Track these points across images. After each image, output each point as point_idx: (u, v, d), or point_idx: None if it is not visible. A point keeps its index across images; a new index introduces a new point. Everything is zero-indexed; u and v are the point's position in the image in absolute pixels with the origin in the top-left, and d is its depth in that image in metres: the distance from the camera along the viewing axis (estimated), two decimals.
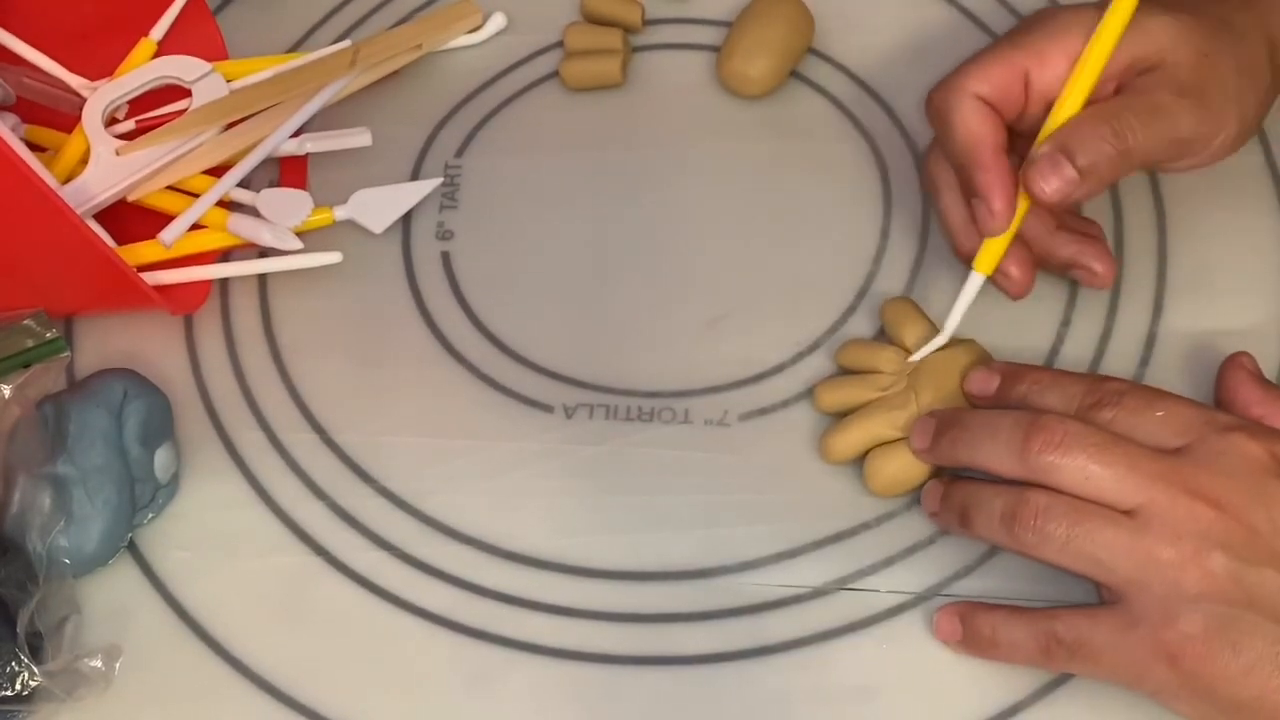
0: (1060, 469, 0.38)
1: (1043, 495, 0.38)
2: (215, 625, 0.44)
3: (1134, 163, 0.42)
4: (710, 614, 0.43)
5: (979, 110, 0.43)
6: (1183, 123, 0.42)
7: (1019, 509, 0.38)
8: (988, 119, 0.43)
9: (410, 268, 0.51)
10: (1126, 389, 0.40)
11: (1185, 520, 0.36)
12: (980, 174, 0.42)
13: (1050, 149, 0.41)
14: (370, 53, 0.53)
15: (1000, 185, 0.42)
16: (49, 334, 0.46)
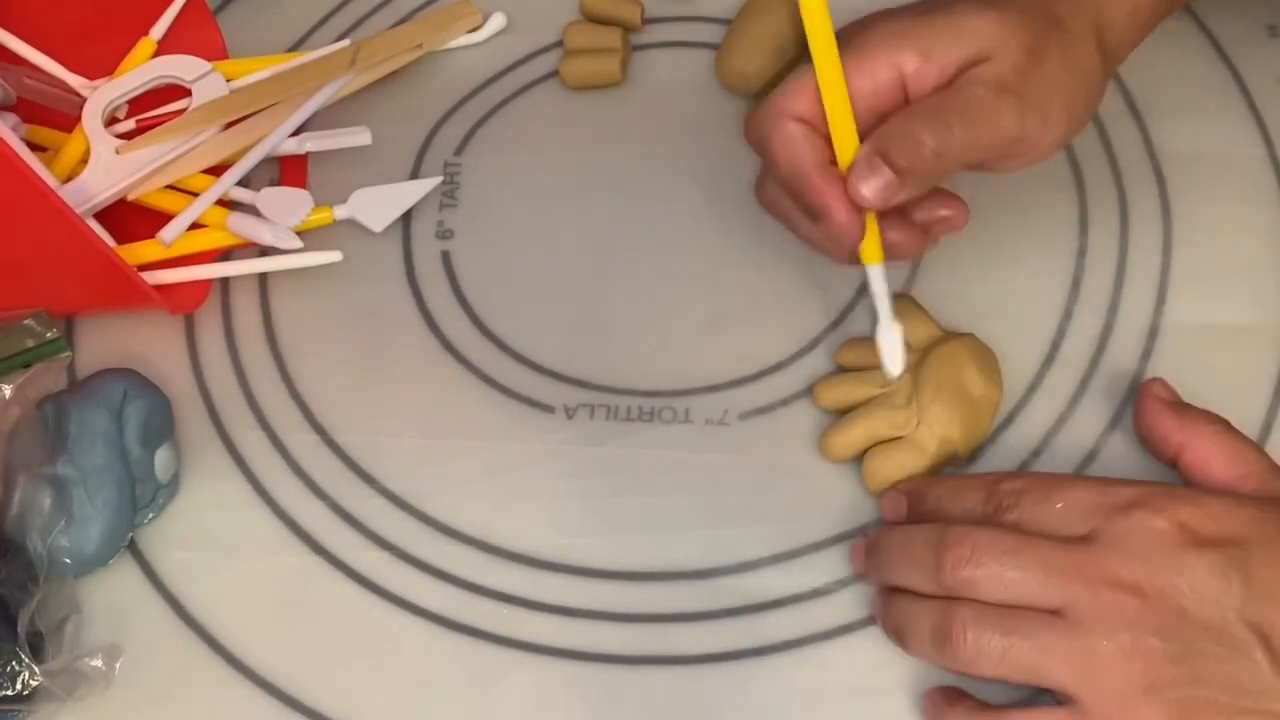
0: (978, 582, 0.37)
1: (969, 609, 0.37)
2: (215, 625, 0.44)
3: (954, 162, 0.41)
4: (710, 614, 0.43)
5: (797, 132, 0.42)
6: (1004, 121, 0.40)
7: (948, 627, 0.37)
8: (807, 139, 0.42)
9: (410, 267, 0.51)
10: (1023, 486, 0.39)
11: (1113, 613, 0.36)
12: (811, 194, 0.42)
13: (867, 151, 0.41)
14: (370, 52, 0.53)
15: (836, 199, 0.41)
16: (49, 334, 0.46)
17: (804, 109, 0.42)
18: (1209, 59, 0.53)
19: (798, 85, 0.42)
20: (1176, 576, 0.36)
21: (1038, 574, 0.37)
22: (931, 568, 0.38)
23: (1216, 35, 0.53)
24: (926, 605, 0.38)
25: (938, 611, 0.38)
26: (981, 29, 0.41)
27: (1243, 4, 0.54)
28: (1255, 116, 0.51)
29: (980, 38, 0.41)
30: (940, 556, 0.38)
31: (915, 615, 0.39)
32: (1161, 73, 0.52)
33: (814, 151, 0.42)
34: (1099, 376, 0.46)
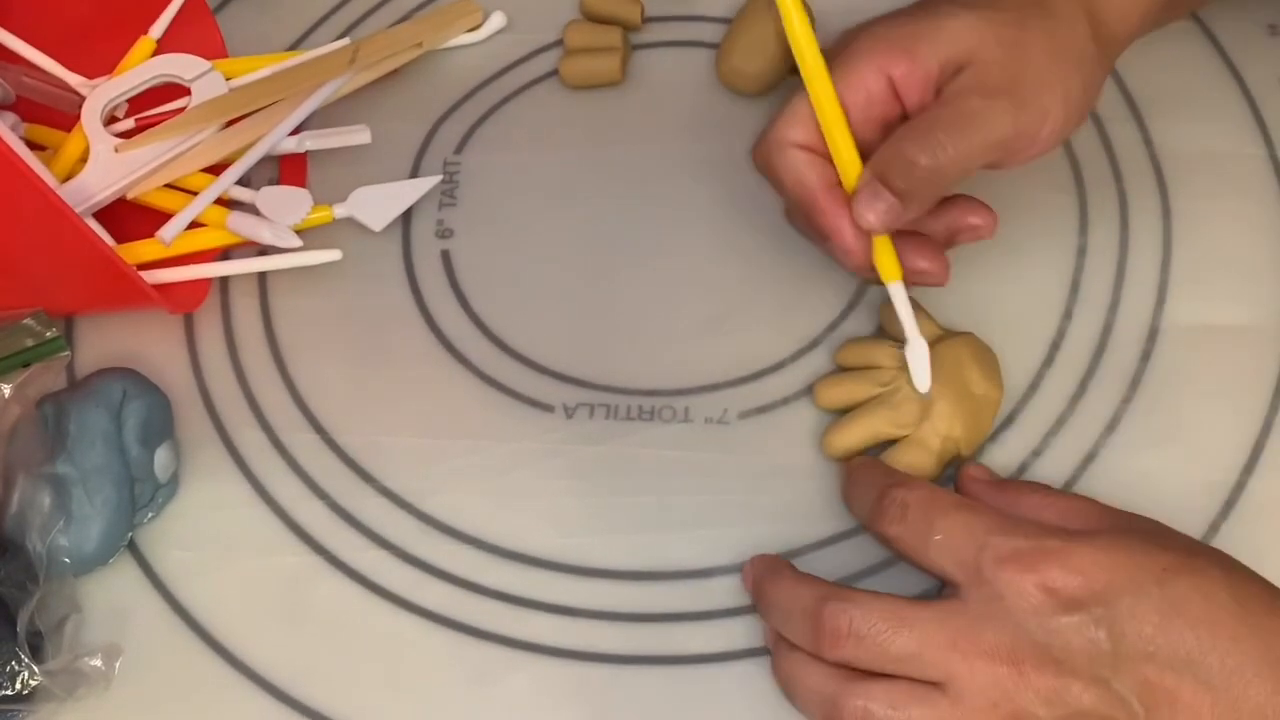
0: (859, 660, 0.37)
1: (857, 691, 0.37)
2: (215, 625, 0.44)
3: (954, 176, 0.41)
4: (710, 613, 0.43)
5: (799, 158, 0.43)
6: (997, 125, 0.40)
7: (839, 707, 0.37)
8: (810, 165, 0.43)
9: (410, 266, 0.51)
10: (912, 501, 0.39)
11: (992, 687, 0.36)
12: (819, 218, 0.43)
13: (868, 178, 0.41)
14: (370, 51, 0.53)
15: (842, 220, 0.42)
16: (49, 333, 0.46)
17: (803, 136, 0.43)
18: (1209, 59, 0.53)
19: (795, 113, 0.43)
20: (1048, 642, 0.36)
21: (915, 648, 0.36)
22: (811, 641, 0.38)
23: (1216, 35, 0.53)
24: (816, 672, 0.38)
25: (828, 686, 0.37)
26: (960, 31, 0.41)
27: (1243, 4, 0.54)
28: (1255, 116, 0.51)
29: (960, 40, 0.41)
30: (819, 638, 0.37)
31: (805, 679, 0.38)
32: (1161, 73, 0.52)
33: (818, 176, 0.43)
34: (1099, 377, 0.46)
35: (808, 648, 0.38)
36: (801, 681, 0.39)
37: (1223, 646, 0.35)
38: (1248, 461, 0.44)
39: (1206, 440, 0.45)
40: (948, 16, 0.41)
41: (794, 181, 0.43)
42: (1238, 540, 0.42)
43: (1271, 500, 0.44)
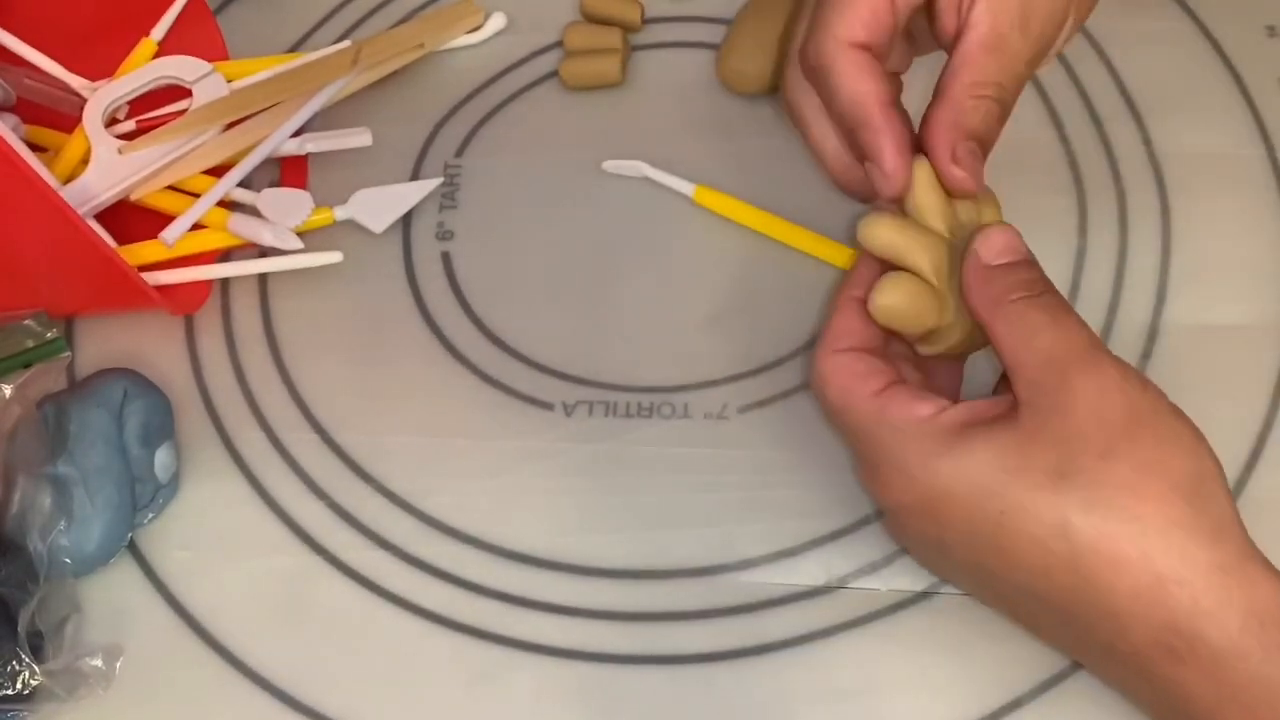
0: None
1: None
2: (215, 625, 0.44)
3: (1007, 118, 0.41)
4: (711, 612, 0.43)
5: (860, 63, 0.40)
6: (1033, 54, 0.40)
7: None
8: (872, 72, 0.40)
9: (410, 268, 0.51)
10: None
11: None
12: (869, 135, 0.40)
13: (964, 141, 0.39)
14: (371, 52, 0.53)
15: (893, 145, 0.39)
16: (49, 334, 0.46)
17: (866, 35, 0.40)
18: (1209, 59, 0.53)
19: (850, 6, 0.40)
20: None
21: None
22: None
23: (1216, 35, 0.53)
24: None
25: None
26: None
27: (1243, 4, 0.54)
28: (1255, 116, 0.51)
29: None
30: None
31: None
32: (1161, 73, 0.52)
33: (879, 87, 0.40)
34: None
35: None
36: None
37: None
38: (1248, 460, 0.44)
39: (1207, 439, 0.44)
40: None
41: (852, 88, 0.40)
42: None
43: (1272, 499, 0.44)
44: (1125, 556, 0.34)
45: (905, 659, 0.41)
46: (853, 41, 0.40)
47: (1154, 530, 0.34)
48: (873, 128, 0.40)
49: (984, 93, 0.40)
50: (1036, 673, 0.41)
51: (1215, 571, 0.34)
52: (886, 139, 0.40)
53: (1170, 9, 0.54)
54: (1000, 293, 0.38)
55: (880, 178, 0.40)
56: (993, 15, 0.39)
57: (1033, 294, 0.37)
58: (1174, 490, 0.34)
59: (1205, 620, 0.34)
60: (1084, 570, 0.35)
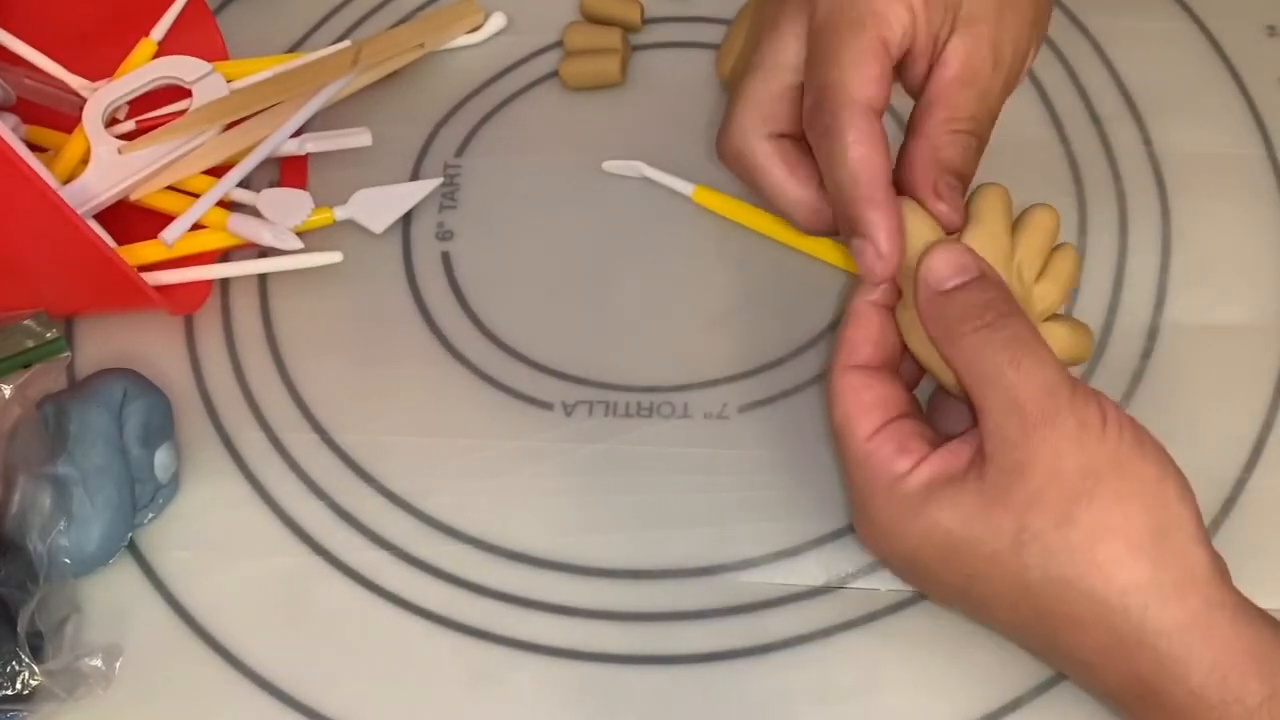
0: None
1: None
2: (215, 625, 0.44)
3: (984, 148, 0.41)
4: (711, 612, 0.43)
5: (875, 132, 0.38)
6: (1002, 90, 0.41)
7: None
8: (883, 143, 0.38)
9: (410, 268, 0.51)
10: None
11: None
12: (868, 211, 0.38)
13: (945, 176, 0.39)
14: (372, 52, 0.53)
15: (891, 229, 0.38)
16: (49, 334, 0.46)
17: (880, 98, 0.38)
18: (1209, 59, 0.53)
19: (864, 67, 0.38)
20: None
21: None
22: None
23: (1216, 35, 0.53)
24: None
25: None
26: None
27: (1243, 4, 0.54)
28: (1255, 116, 0.51)
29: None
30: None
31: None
32: (1161, 73, 0.52)
33: (887, 162, 0.38)
34: (1099, 376, 0.46)
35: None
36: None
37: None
38: (1248, 459, 0.44)
39: (1207, 439, 0.45)
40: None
41: (859, 160, 0.38)
42: (1238, 538, 0.42)
43: (1272, 498, 0.44)
44: (1086, 619, 0.35)
45: (905, 659, 0.41)
46: (869, 106, 0.38)
47: (1114, 594, 0.35)
48: (874, 205, 0.38)
49: (960, 127, 0.40)
50: (1036, 673, 0.40)
51: (1177, 630, 0.34)
52: (885, 218, 0.38)
53: (1170, 9, 0.54)
54: (954, 323, 0.36)
55: (874, 258, 0.38)
56: (966, 52, 0.39)
57: (987, 322, 0.36)
58: (1133, 552, 0.35)
59: (1168, 676, 0.34)
60: (1051, 629, 0.36)
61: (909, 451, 0.37)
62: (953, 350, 0.37)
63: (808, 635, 0.42)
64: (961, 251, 0.37)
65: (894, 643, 0.41)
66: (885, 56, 0.39)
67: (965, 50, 0.39)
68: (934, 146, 0.40)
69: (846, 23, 0.39)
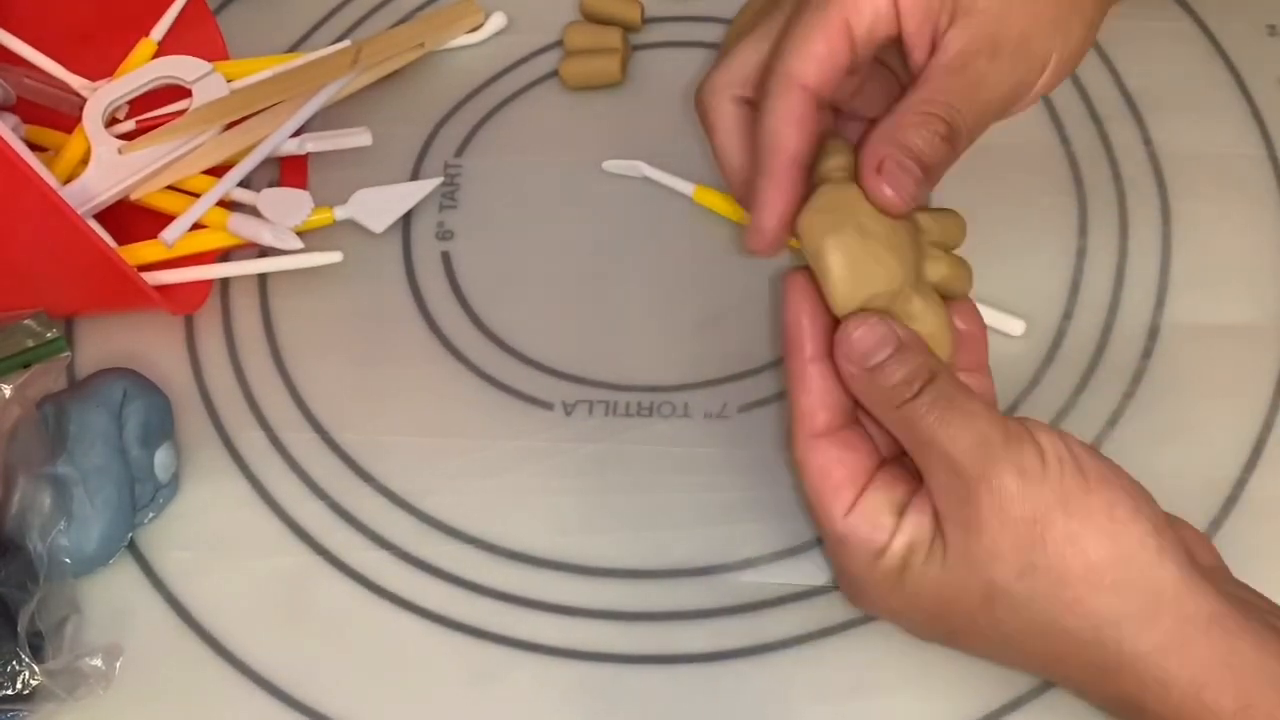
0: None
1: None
2: (215, 625, 0.44)
3: (964, 147, 0.39)
4: (711, 612, 0.43)
5: (795, 108, 0.37)
6: (1003, 86, 0.38)
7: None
8: (802, 122, 0.38)
9: (410, 267, 0.51)
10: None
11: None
12: (763, 181, 0.38)
13: (895, 153, 0.37)
14: (372, 52, 0.53)
15: (779, 209, 0.37)
16: (49, 334, 0.46)
17: (816, 77, 0.38)
18: (1209, 59, 0.53)
19: (805, 40, 0.37)
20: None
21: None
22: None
23: (1216, 35, 0.53)
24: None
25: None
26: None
27: (1243, 4, 0.54)
28: (1255, 116, 0.51)
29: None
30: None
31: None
32: (1161, 73, 0.52)
33: (800, 142, 0.38)
34: (1099, 376, 0.46)
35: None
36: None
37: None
38: (1248, 459, 0.44)
39: (1207, 439, 0.45)
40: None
41: (773, 131, 0.38)
42: (1238, 538, 0.42)
43: (1272, 498, 0.44)
44: (1068, 655, 0.36)
45: (905, 659, 0.41)
46: (802, 82, 0.38)
47: (1087, 630, 0.35)
48: (771, 178, 0.38)
49: (932, 110, 0.38)
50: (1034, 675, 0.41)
51: (1155, 652, 0.35)
52: (776, 195, 0.38)
53: (1171, 8, 0.54)
54: (884, 401, 0.37)
55: (753, 232, 0.38)
56: (962, 40, 0.38)
57: (914, 393, 0.36)
58: (1096, 589, 0.35)
59: (1149, 696, 0.35)
60: (1037, 664, 0.38)
61: (881, 528, 0.37)
62: (888, 422, 0.37)
63: (808, 635, 0.42)
64: (878, 324, 0.37)
65: (894, 643, 0.41)
66: (841, 37, 0.38)
67: (961, 39, 0.38)
68: (896, 124, 0.38)
69: (816, 2, 0.38)
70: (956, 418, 0.36)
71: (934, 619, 0.38)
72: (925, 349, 0.37)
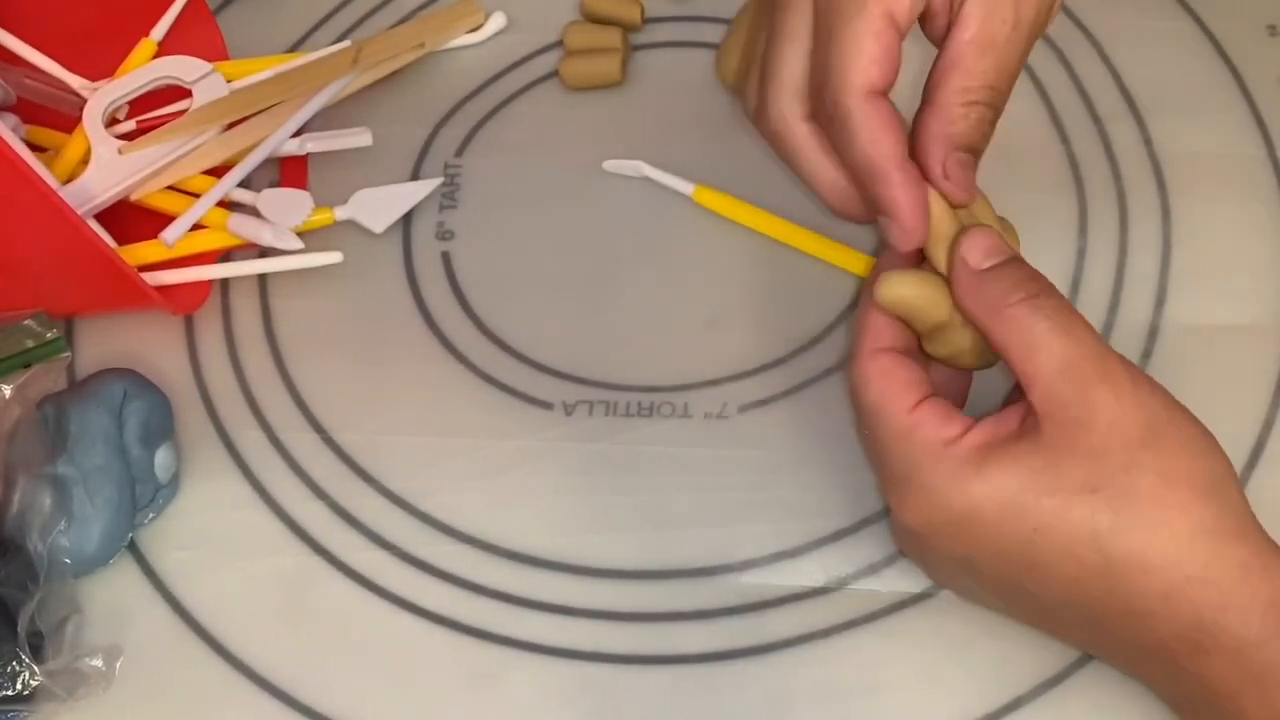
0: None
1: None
2: (215, 625, 0.44)
3: (1000, 115, 0.40)
4: (711, 612, 0.43)
5: (880, 115, 0.38)
6: (1026, 45, 0.39)
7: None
8: (891, 124, 0.38)
9: (410, 268, 0.51)
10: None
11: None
12: (887, 190, 0.38)
13: (955, 155, 0.38)
14: (371, 52, 0.53)
15: (911, 202, 0.38)
16: (49, 334, 0.46)
17: (882, 79, 0.38)
18: (1209, 59, 0.53)
19: (859, 43, 0.38)
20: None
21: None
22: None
23: (1216, 35, 0.53)
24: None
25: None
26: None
27: (1243, 4, 0.54)
28: (1255, 116, 0.51)
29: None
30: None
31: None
32: (1161, 73, 0.52)
33: (898, 140, 0.38)
34: None
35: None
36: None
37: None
38: (1249, 459, 0.44)
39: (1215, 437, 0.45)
40: None
41: (869, 142, 0.38)
42: None
43: (1273, 498, 0.43)
44: (1155, 563, 0.35)
45: (905, 659, 0.41)
46: (871, 89, 0.38)
47: (1182, 537, 0.35)
48: (891, 184, 0.38)
49: (975, 98, 0.39)
50: (1037, 673, 0.41)
51: (1239, 569, 0.35)
52: (904, 196, 0.38)
53: (1170, 8, 0.54)
54: (996, 298, 0.37)
55: (898, 234, 0.39)
56: (984, 11, 0.38)
57: (1030, 295, 0.37)
58: (1197, 496, 0.35)
59: (1230, 614, 0.35)
60: (1116, 577, 0.36)
61: (954, 420, 0.37)
62: (997, 322, 0.37)
63: (808, 635, 0.42)
64: (992, 234, 0.38)
65: (894, 643, 0.41)
66: (889, 33, 0.38)
67: (984, 10, 0.38)
68: (947, 119, 0.39)
69: (853, 2, 0.38)
70: (1078, 326, 0.37)
71: (1013, 514, 0.36)
72: (1037, 271, 0.38)
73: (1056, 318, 0.36)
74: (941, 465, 0.37)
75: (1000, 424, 0.37)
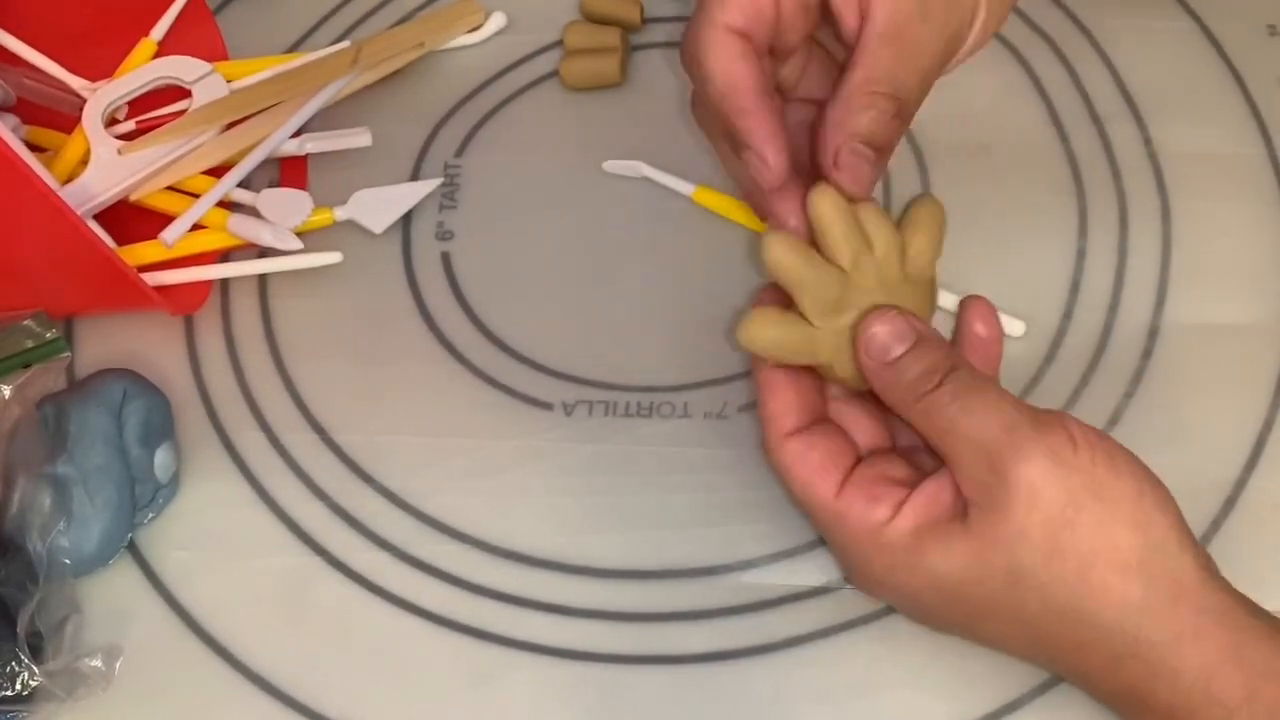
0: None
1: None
2: (215, 625, 0.44)
3: (912, 115, 0.39)
4: (711, 612, 0.43)
5: (734, 48, 0.38)
6: (938, 44, 0.38)
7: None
8: (745, 56, 0.38)
9: (410, 268, 0.51)
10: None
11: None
12: (743, 121, 0.38)
13: (848, 143, 0.38)
14: (372, 52, 0.53)
15: (768, 133, 0.38)
16: (49, 334, 0.46)
17: (744, 22, 0.38)
18: (1209, 59, 0.53)
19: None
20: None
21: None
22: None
23: (1216, 35, 0.53)
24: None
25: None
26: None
27: (1243, 4, 0.54)
28: (1255, 116, 0.51)
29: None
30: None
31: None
32: (1161, 73, 0.52)
33: (752, 73, 0.38)
34: (1099, 376, 0.46)
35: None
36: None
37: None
38: (1249, 459, 0.44)
39: (1208, 439, 0.45)
40: None
41: (724, 73, 0.38)
42: (1239, 538, 0.42)
43: (1272, 498, 0.44)
44: (1086, 641, 0.36)
45: (905, 659, 0.41)
46: (729, 26, 0.38)
47: (1109, 616, 0.35)
48: (745, 112, 0.38)
49: (878, 89, 0.38)
50: (1036, 673, 0.40)
51: (1169, 642, 0.35)
52: (760, 124, 0.38)
53: (1171, 8, 0.54)
54: (907, 389, 0.37)
55: (757, 165, 0.38)
56: (890, 5, 0.38)
57: (935, 384, 0.37)
58: (1123, 574, 0.35)
59: (1159, 683, 0.35)
60: (1053, 651, 0.37)
61: (881, 499, 0.37)
62: (910, 416, 0.37)
63: (808, 635, 0.42)
64: (897, 318, 0.38)
65: (894, 643, 0.41)
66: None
67: (889, 4, 0.38)
68: (845, 109, 0.38)
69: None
70: (980, 404, 0.36)
71: (953, 601, 0.37)
72: (945, 342, 0.38)
73: (964, 399, 0.36)
74: (878, 555, 0.37)
75: (932, 502, 0.37)
